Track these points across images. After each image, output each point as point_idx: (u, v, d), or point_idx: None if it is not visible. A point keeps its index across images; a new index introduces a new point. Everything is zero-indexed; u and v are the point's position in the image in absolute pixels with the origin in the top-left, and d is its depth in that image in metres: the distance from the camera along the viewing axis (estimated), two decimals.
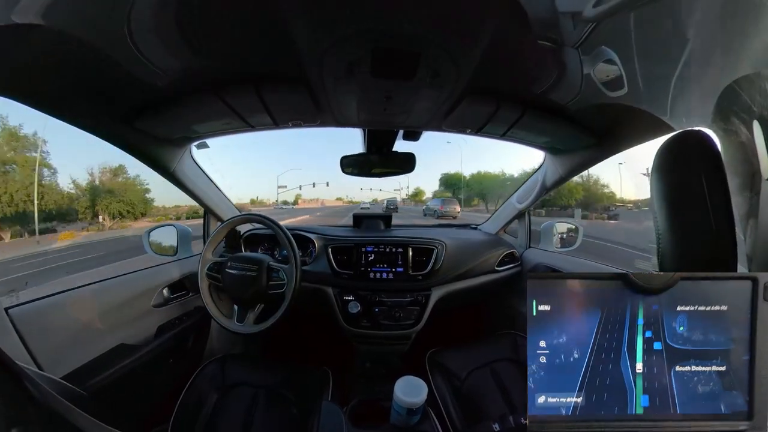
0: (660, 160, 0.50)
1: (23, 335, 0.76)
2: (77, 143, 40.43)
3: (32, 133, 18.59)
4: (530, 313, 0.42)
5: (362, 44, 0.70)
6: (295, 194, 68.81)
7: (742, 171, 0.53)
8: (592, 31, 0.61)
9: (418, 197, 52.67)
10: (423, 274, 1.41)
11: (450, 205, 16.84)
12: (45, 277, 7.47)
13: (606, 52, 0.67)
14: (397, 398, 0.83)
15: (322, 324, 1.61)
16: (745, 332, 0.40)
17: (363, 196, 57.99)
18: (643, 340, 0.41)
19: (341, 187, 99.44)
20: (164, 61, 0.75)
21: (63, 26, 0.58)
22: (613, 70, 0.71)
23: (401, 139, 1.36)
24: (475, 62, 0.78)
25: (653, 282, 0.41)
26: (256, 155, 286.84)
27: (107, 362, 0.94)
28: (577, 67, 0.76)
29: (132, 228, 18.28)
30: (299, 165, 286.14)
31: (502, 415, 0.94)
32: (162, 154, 1.15)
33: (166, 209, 25.43)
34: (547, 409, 0.41)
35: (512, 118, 1.04)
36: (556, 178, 1.41)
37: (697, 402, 0.40)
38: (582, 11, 0.57)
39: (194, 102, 0.92)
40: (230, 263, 1.16)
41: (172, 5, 0.59)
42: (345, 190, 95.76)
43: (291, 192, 70.20)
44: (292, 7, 0.60)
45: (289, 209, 40.27)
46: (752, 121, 0.50)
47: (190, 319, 1.33)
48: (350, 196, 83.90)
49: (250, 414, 0.99)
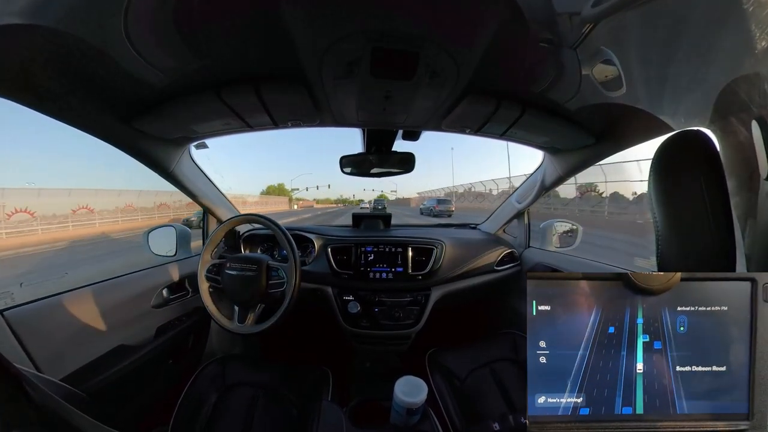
0: (658, 159, 0.50)
1: (21, 337, 0.76)
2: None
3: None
4: (530, 313, 0.42)
5: (361, 44, 0.70)
6: (296, 197, 69.90)
7: (740, 171, 0.53)
8: (591, 31, 0.61)
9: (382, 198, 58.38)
10: (422, 274, 1.41)
11: (444, 204, 18.76)
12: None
13: (605, 52, 0.67)
14: (397, 398, 0.83)
15: (322, 324, 1.61)
16: (745, 333, 0.40)
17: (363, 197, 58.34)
18: (644, 340, 0.41)
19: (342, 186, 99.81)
20: (163, 60, 0.74)
21: (62, 26, 0.58)
22: (612, 70, 0.72)
23: (400, 139, 1.36)
24: (474, 62, 0.78)
25: (653, 282, 0.41)
26: (250, 157, 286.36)
27: (107, 363, 0.94)
28: (576, 67, 0.76)
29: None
30: (290, 165, 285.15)
31: (502, 415, 0.94)
32: (161, 154, 1.14)
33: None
34: (547, 409, 0.41)
35: (511, 118, 1.04)
36: (555, 177, 1.41)
37: (697, 402, 0.40)
38: (581, 11, 0.57)
39: (193, 102, 0.92)
40: (229, 264, 1.16)
41: (171, 5, 0.59)
42: (342, 190, 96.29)
43: (298, 194, 72.10)
44: (291, 6, 0.60)
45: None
46: (750, 121, 0.51)
47: (189, 319, 1.33)
48: (344, 196, 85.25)
49: (250, 414, 0.99)
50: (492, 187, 26.98)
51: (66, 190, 18.77)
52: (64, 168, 56.95)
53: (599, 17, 0.56)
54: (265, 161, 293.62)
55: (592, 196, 15.94)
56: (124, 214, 19.84)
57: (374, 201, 29.43)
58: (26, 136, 56.98)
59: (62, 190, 18.66)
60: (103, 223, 18.01)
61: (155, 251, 1.37)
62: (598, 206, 15.00)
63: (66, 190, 18.72)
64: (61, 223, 16.26)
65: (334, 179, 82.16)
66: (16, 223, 14.35)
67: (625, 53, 0.66)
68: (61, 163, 58.32)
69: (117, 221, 18.89)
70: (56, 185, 47.56)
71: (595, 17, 0.57)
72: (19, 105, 0.72)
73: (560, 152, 1.32)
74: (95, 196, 18.96)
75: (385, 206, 20.27)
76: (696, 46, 0.57)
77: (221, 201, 1.55)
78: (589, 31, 0.61)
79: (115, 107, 0.88)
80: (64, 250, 11.22)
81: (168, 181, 1.24)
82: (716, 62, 0.56)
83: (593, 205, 15.23)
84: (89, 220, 17.48)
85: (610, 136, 1.08)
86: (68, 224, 16.46)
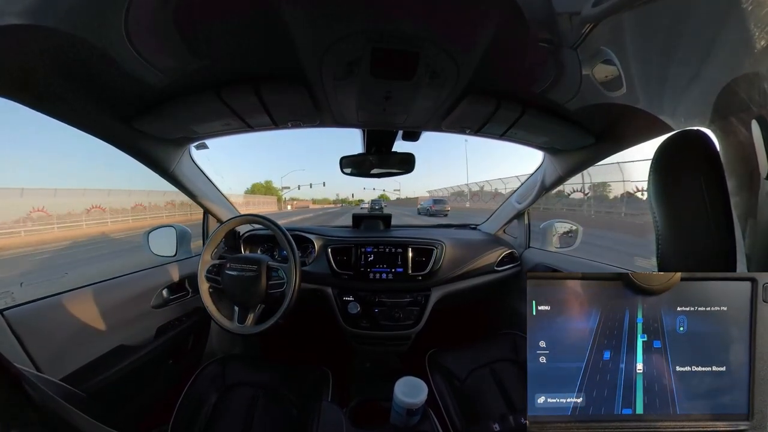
0: (658, 159, 0.50)
1: (21, 337, 0.76)
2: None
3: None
4: (530, 313, 0.42)
5: (361, 44, 0.70)
6: (290, 196, 67.42)
7: (740, 170, 0.53)
8: (591, 31, 0.61)
9: (383, 198, 60.57)
10: (422, 275, 1.41)
11: (440, 204, 20.14)
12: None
13: (605, 52, 0.67)
14: (397, 398, 0.83)
15: (322, 324, 1.61)
16: (745, 333, 0.40)
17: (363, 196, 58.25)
18: (643, 340, 0.41)
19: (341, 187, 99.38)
20: (163, 61, 0.74)
21: (62, 26, 0.58)
22: (612, 70, 0.72)
23: (400, 139, 1.36)
24: (474, 62, 0.78)
25: (653, 282, 0.41)
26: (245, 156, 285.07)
27: (107, 363, 0.94)
28: (576, 67, 0.76)
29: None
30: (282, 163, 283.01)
31: (502, 415, 0.94)
32: (161, 155, 1.14)
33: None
34: (547, 410, 0.41)
35: (511, 118, 1.04)
36: (555, 177, 1.41)
37: (697, 402, 0.40)
38: (581, 11, 0.57)
39: (193, 102, 0.92)
40: (229, 264, 1.16)
41: (171, 5, 0.59)
42: (340, 189, 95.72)
43: (290, 193, 68.76)
44: (291, 6, 0.60)
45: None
46: (750, 121, 0.50)
47: (189, 319, 1.33)
48: (341, 196, 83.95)
49: (250, 414, 0.99)
50: (514, 185, 25.40)
51: (81, 190, 19.92)
52: (79, 169, 58.48)
53: (599, 17, 0.56)
54: (255, 160, 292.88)
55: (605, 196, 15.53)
56: (134, 213, 21.00)
57: (371, 201, 27.62)
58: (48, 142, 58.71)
59: (77, 190, 19.91)
60: (115, 221, 19.14)
61: (155, 251, 1.37)
62: (613, 207, 14.57)
63: (81, 190, 19.87)
64: (74, 221, 17.35)
65: (334, 179, 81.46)
66: (35, 220, 15.49)
67: (625, 53, 0.66)
68: (77, 164, 59.68)
69: (128, 220, 20.02)
70: (72, 185, 49.42)
71: (595, 17, 0.57)
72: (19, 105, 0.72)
73: (560, 152, 1.32)
74: (107, 196, 20.06)
75: (383, 207, 20.16)
76: (696, 45, 0.57)
77: (221, 201, 1.55)
78: (589, 31, 0.61)
79: (115, 107, 0.88)
80: (85, 246, 11.95)
81: (168, 181, 1.24)
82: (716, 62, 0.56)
83: (610, 207, 14.81)
84: (102, 219, 18.63)
85: (609, 136, 1.08)
86: (82, 223, 17.49)
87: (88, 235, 15.32)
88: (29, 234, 14.59)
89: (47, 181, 63.12)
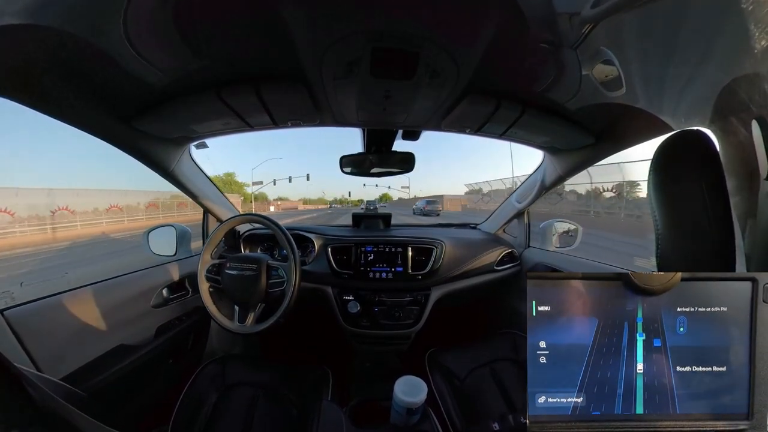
0: (658, 159, 0.50)
1: (21, 337, 0.76)
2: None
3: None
4: (530, 313, 0.42)
5: (361, 44, 0.70)
6: (259, 191, 55.88)
7: (740, 170, 0.53)
8: (591, 31, 0.61)
9: (385, 198, 64.69)
10: (422, 274, 1.41)
11: (433, 204, 21.61)
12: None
13: (604, 52, 0.67)
14: (397, 398, 0.83)
15: (322, 324, 1.61)
16: (745, 333, 0.40)
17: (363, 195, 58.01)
18: (643, 340, 0.41)
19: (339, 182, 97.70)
20: (163, 61, 0.74)
21: (62, 27, 0.58)
22: (612, 70, 0.72)
23: (400, 139, 1.36)
24: (474, 62, 0.78)
25: (653, 282, 0.41)
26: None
27: (107, 363, 0.94)
28: (575, 68, 0.76)
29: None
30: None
31: (502, 415, 0.94)
32: (161, 154, 1.14)
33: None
34: (547, 409, 0.41)
35: (511, 118, 1.04)
36: (555, 177, 1.41)
37: (697, 402, 0.40)
38: (581, 12, 0.57)
39: (193, 102, 0.92)
40: (229, 264, 1.16)
41: (171, 5, 0.59)
42: (336, 187, 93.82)
43: (261, 189, 56.10)
44: (291, 6, 0.60)
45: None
46: (750, 121, 0.51)
47: (189, 319, 1.33)
48: (333, 194, 78.91)
49: (250, 414, 0.99)
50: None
51: (100, 190, 22.33)
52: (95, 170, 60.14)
53: (599, 17, 0.56)
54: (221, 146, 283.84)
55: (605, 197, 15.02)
56: (148, 212, 22.86)
57: (366, 202, 24.80)
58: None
59: (98, 191, 22.45)
60: (131, 219, 20.82)
61: (155, 251, 1.37)
62: (614, 207, 14.17)
63: (100, 191, 22.30)
64: (94, 219, 18.94)
65: (323, 172, 77.26)
66: (59, 217, 17.15)
67: (624, 53, 0.66)
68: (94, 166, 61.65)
69: (142, 218, 21.64)
70: (93, 185, 51.20)
71: (595, 17, 0.57)
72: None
73: (560, 152, 1.32)
74: (125, 196, 21.98)
75: (377, 207, 19.98)
76: (696, 45, 0.57)
77: (221, 201, 1.55)
78: (589, 31, 0.61)
79: (115, 107, 0.88)
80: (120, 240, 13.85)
81: (168, 180, 1.24)
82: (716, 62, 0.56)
83: (608, 207, 14.38)
84: (119, 218, 20.42)
85: (609, 136, 1.08)
86: (101, 221, 19.05)
87: (117, 230, 17.09)
88: (65, 229, 16.11)
89: (68, 182, 64.68)
